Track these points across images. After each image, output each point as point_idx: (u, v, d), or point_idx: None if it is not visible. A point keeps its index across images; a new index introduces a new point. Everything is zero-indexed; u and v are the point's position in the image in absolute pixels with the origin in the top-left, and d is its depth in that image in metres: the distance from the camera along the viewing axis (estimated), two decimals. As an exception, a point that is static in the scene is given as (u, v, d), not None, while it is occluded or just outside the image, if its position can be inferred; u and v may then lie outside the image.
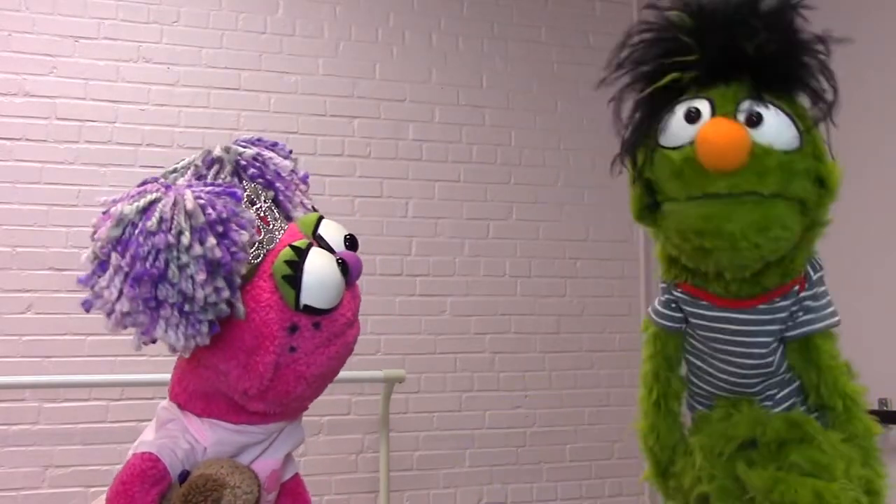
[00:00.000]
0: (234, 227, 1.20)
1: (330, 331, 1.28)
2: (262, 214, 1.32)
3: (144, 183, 1.24)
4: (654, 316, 1.45)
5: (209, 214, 1.18)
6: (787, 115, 1.18)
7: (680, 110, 1.22)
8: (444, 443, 3.24)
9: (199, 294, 1.16)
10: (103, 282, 1.18)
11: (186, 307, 1.17)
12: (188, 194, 1.19)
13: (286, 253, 1.24)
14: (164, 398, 1.38)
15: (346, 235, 1.35)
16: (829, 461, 1.23)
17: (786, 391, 1.37)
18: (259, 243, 1.27)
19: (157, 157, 2.96)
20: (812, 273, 1.33)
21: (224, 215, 1.19)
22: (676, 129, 1.22)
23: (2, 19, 2.90)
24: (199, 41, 3.10)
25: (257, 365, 1.23)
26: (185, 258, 1.15)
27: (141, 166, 2.94)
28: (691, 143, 1.18)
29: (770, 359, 1.34)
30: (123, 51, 3.02)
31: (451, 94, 3.40)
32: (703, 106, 1.20)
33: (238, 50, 3.15)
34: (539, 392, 3.37)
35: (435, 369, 3.25)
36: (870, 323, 2.48)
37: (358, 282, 1.38)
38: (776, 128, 1.17)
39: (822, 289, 1.35)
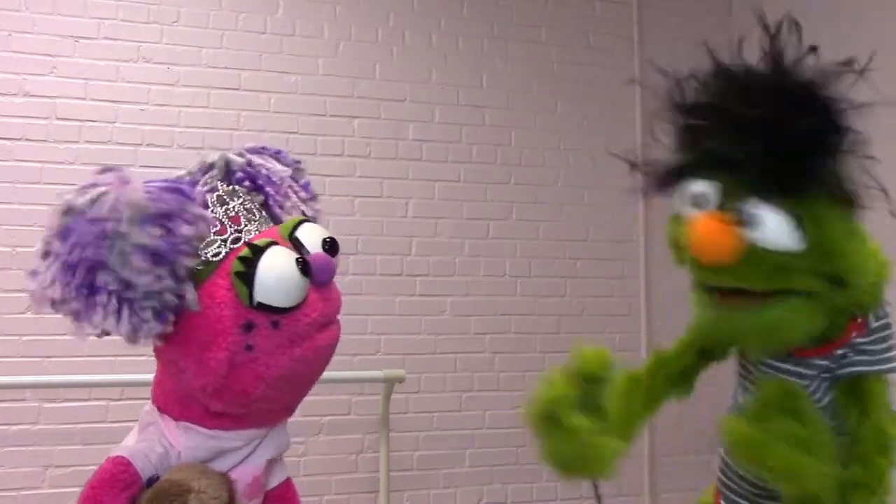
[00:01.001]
0: (179, 220, 1.22)
1: (291, 331, 1.26)
2: (232, 214, 1.33)
3: (98, 175, 1.28)
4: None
5: (153, 206, 1.21)
6: (790, 215, 1.17)
7: (693, 186, 1.24)
8: (444, 443, 3.24)
9: (140, 281, 1.18)
10: (41, 268, 1.22)
11: (129, 294, 1.19)
12: (134, 186, 1.22)
13: (243, 251, 1.26)
14: (164, 399, 1.38)
15: (325, 238, 1.34)
16: (811, 439, 1.21)
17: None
18: (223, 241, 1.28)
19: (157, 157, 2.96)
20: (872, 321, 1.32)
21: (168, 208, 1.22)
22: (685, 203, 1.25)
23: (2, 19, 2.90)
24: (199, 41, 3.10)
25: (209, 361, 1.24)
26: (125, 247, 1.18)
27: (141, 166, 2.94)
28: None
29: (824, 401, 1.33)
30: (123, 51, 3.02)
31: (451, 94, 3.40)
32: (711, 193, 1.21)
33: (238, 50, 3.15)
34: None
35: (435, 369, 3.25)
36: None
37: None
38: (773, 229, 1.17)
39: (884, 334, 1.34)
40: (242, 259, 1.24)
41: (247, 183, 1.41)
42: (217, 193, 1.35)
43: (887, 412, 1.31)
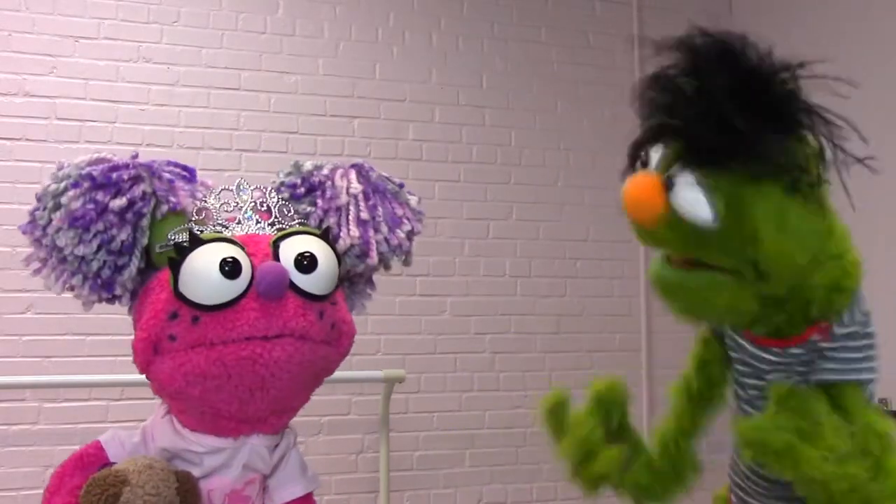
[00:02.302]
0: (108, 189, 1.25)
1: (213, 332, 1.22)
2: (229, 209, 1.36)
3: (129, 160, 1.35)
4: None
5: (85, 170, 1.26)
6: (706, 189, 1.14)
7: (646, 153, 1.24)
8: (444, 443, 3.24)
9: (61, 242, 1.25)
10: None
11: (60, 255, 1.27)
12: (89, 156, 1.30)
13: (182, 240, 1.27)
14: (165, 399, 1.39)
15: (301, 253, 1.29)
16: (816, 433, 1.18)
17: None
18: (199, 230, 1.29)
19: (157, 157, 2.96)
20: (836, 329, 1.28)
21: (99, 175, 1.26)
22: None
23: (2, 19, 2.90)
24: (199, 41, 3.10)
25: (137, 342, 1.26)
26: (51, 203, 1.26)
27: (141, 166, 2.94)
28: None
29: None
30: (123, 51, 3.02)
31: (451, 94, 3.40)
32: (656, 156, 1.22)
33: (238, 50, 3.15)
34: (539, 392, 3.33)
35: (435, 369, 3.25)
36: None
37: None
38: (686, 198, 1.15)
39: (855, 343, 1.29)
40: (178, 247, 1.25)
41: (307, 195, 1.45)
42: (236, 185, 1.38)
43: (871, 411, 1.28)
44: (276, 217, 1.38)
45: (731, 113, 1.11)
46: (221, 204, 1.36)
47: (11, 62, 2.89)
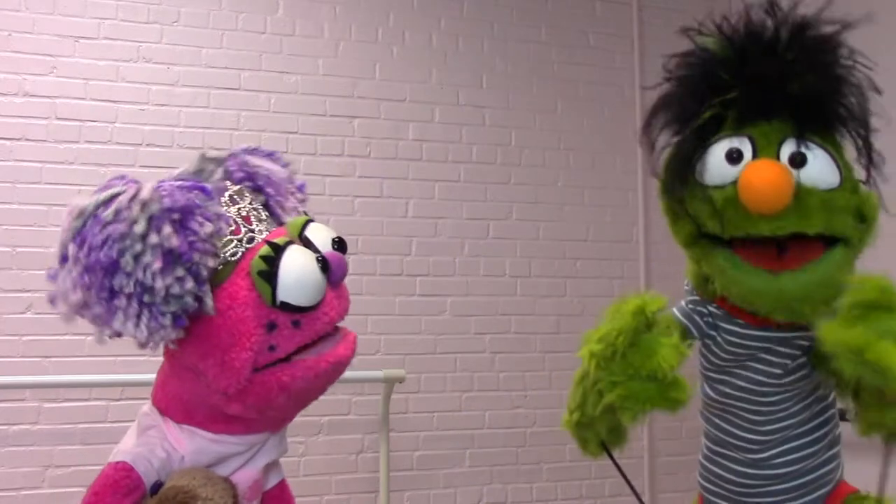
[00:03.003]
0: (196, 218, 1.19)
1: (312, 330, 1.26)
2: (244, 214, 1.31)
3: (112, 179, 1.25)
4: (678, 314, 1.42)
5: (166, 204, 1.17)
6: (828, 153, 1.18)
7: (720, 149, 1.21)
8: (444, 443, 3.24)
9: (158, 284, 1.15)
10: (61, 273, 1.19)
11: (146, 298, 1.16)
12: (146, 185, 1.20)
13: (263, 249, 1.24)
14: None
15: (333, 238, 1.33)
16: None
17: (801, 405, 1.35)
18: (238, 241, 1.26)
19: (157, 157, 2.96)
20: None
21: (183, 205, 1.19)
22: (717, 168, 1.22)
23: (2, 19, 2.90)
24: (199, 41, 3.10)
25: (233, 361, 1.22)
26: (139, 247, 1.15)
27: (141, 166, 2.94)
28: (734, 183, 1.18)
29: (785, 379, 1.33)
30: (123, 51, 3.02)
31: (451, 94, 3.40)
32: (745, 146, 1.20)
33: (238, 50, 3.15)
34: (539, 392, 3.37)
35: (435, 369, 3.25)
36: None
37: (348, 283, 1.37)
38: (819, 168, 1.17)
39: None
40: (264, 258, 1.22)
41: (248, 183, 1.39)
42: (228, 193, 1.33)
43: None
44: (263, 212, 1.39)
45: (836, 79, 1.16)
46: (237, 210, 1.33)
47: (11, 62, 2.89)
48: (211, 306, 1.22)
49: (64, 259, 1.19)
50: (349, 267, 1.35)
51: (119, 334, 1.22)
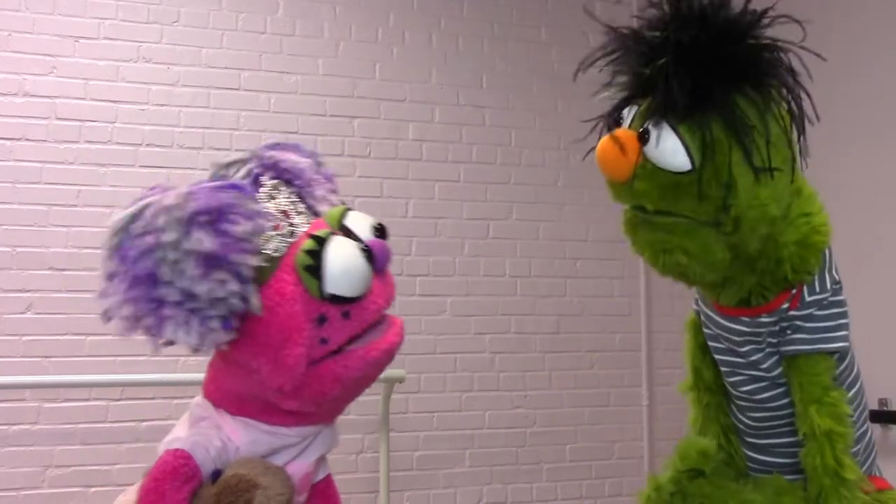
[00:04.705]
0: (229, 218, 1.18)
1: (362, 319, 1.26)
2: (282, 209, 1.30)
3: (148, 189, 1.25)
4: (699, 301, 1.45)
5: (194, 208, 1.16)
6: (680, 138, 1.18)
7: (620, 112, 1.28)
8: (444, 443, 3.24)
9: (201, 289, 1.15)
10: (110, 289, 1.19)
11: (191, 304, 1.16)
12: (172, 192, 1.19)
13: (307, 243, 1.23)
14: (165, 398, 1.38)
15: (374, 225, 1.33)
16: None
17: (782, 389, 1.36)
18: (280, 237, 1.26)
19: (157, 157, 2.97)
20: (806, 294, 1.28)
21: (214, 206, 1.18)
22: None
23: (2, 19, 2.90)
24: (199, 41, 3.10)
25: (287, 358, 1.22)
26: (174, 255, 1.15)
27: (141, 166, 2.95)
28: None
29: (774, 372, 1.33)
30: (123, 51, 3.02)
31: (451, 94, 3.40)
32: (630, 115, 1.26)
33: (238, 50, 3.15)
34: (539, 392, 3.37)
35: (435, 369, 3.25)
36: (869, 323, 2.48)
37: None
38: (662, 149, 1.18)
39: (824, 312, 1.29)
40: (309, 252, 1.22)
41: (276, 178, 1.37)
42: (263, 189, 1.32)
43: (823, 395, 1.26)
44: (299, 205, 1.37)
45: (702, 67, 1.15)
46: (275, 205, 1.31)
47: (11, 62, 2.89)
48: (258, 305, 1.21)
49: (110, 276, 1.20)
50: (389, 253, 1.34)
51: (172, 342, 1.21)
